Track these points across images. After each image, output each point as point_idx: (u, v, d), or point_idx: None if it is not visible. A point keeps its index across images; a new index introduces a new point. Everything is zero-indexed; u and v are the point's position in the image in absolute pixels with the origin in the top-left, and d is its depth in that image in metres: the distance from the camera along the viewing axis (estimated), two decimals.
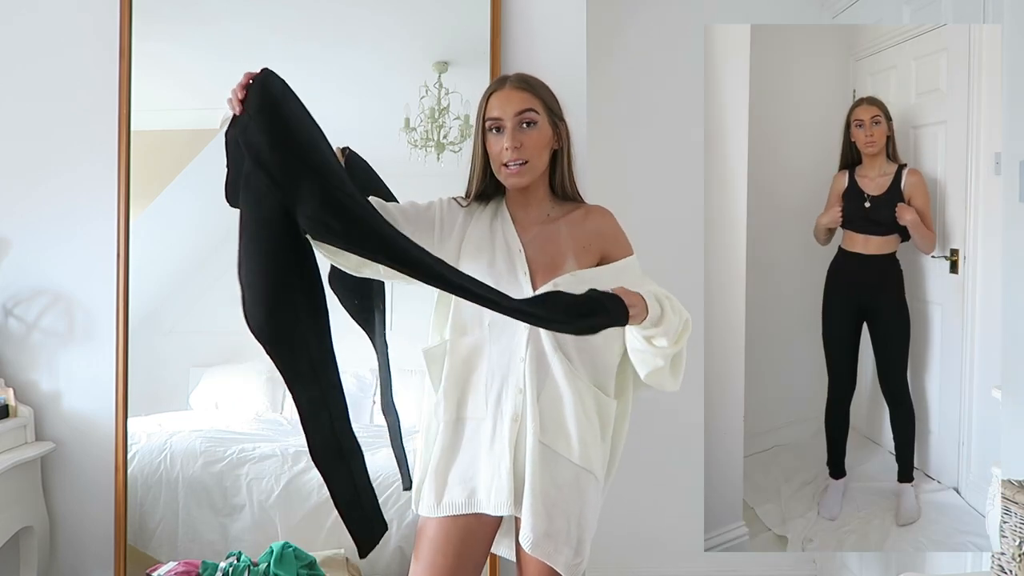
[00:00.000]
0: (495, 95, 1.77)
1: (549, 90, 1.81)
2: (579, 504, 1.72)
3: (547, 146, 1.78)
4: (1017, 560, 1.71)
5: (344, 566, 2.36)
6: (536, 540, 1.69)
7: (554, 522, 1.70)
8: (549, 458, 1.72)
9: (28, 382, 2.49)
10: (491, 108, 1.77)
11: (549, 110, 1.78)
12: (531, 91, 1.77)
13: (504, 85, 1.78)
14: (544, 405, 1.72)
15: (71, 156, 2.48)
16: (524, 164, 1.74)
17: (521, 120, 1.74)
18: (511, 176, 1.76)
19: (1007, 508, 1.73)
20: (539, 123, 1.75)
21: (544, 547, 1.70)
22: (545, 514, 1.70)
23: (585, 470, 1.73)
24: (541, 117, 1.76)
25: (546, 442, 1.72)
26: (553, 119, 1.78)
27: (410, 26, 2.53)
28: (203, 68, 2.59)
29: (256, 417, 2.62)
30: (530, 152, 1.74)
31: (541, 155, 1.77)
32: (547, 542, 1.70)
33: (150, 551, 2.47)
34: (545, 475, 1.71)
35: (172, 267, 2.64)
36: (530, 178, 1.77)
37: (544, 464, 1.71)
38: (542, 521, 1.70)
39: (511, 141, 1.73)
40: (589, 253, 1.78)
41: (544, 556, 1.71)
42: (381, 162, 1.74)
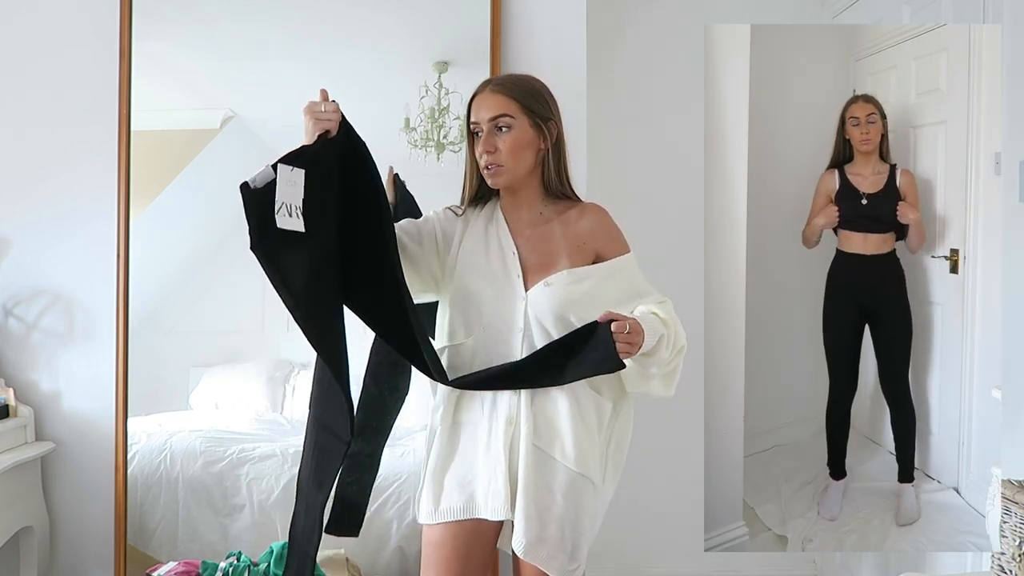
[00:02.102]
0: (475, 99, 1.79)
1: (533, 90, 1.79)
2: (574, 509, 1.70)
3: (526, 148, 1.76)
4: (1017, 560, 1.71)
5: (344, 566, 2.36)
6: (529, 545, 1.68)
7: (547, 528, 1.69)
8: (543, 462, 1.70)
9: (28, 382, 2.49)
10: (472, 112, 1.79)
11: (529, 111, 1.76)
12: (508, 94, 1.76)
13: (484, 88, 1.79)
14: (538, 408, 1.72)
15: (71, 156, 2.48)
16: (499, 167, 1.75)
17: (495, 124, 1.75)
18: (489, 177, 1.77)
19: (1007, 508, 1.73)
20: (514, 126, 1.75)
21: (537, 552, 1.69)
22: (538, 519, 1.69)
23: (580, 475, 1.71)
24: (517, 120, 1.75)
25: (540, 445, 1.71)
26: (536, 120, 1.76)
27: (410, 26, 2.53)
28: (203, 68, 2.59)
29: (256, 417, 2.62)
30: (504, 156, 1.74)
31: (517, 158, 1.75)
32: (540, 547, 1.68)
33: (150, 551, 2.47)
34: (538, 479, 1.70)
35: (172, 267, 2.64)
36: (507, 180, 1.77)
37: (537, 468, 1.70)
38: (535, 526, 1.68)
39: (484, 146, 1.75)
40: (583, 252, 1.78)
41: (537, 561, 1.69)
42: (381, 162, 1.74)
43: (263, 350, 2.64)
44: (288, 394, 2.63)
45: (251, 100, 2.59)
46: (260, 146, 2.60)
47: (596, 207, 1.84)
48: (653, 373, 1.72)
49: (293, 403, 2.62)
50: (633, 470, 2.87)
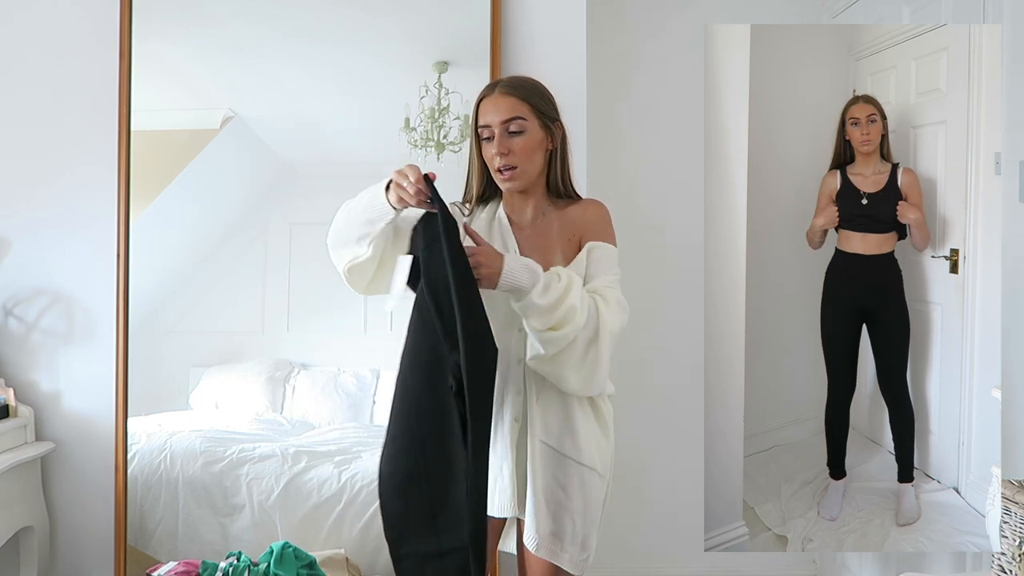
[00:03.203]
0: (484, 101, 1.79)
1: (541, 92, 1.81)
2: (583, 502, 1.73)
3: (538, 149, 1.78)
4: (1017, 560, 1.71)
5: (344, 566, 2.36)
6: (541, 541, 1.70)
7: (560, 523, 1.71)
8: (552, 459, 1.72)
9: (28, 382, 2.49)
10: (481, 115, 1.78)
11: (540, 113, 1.78)
12: (519, 96, 1.77)
13: (493, 91, 1.79)
14: (546, 406, 1.73)
15: (71, 156, 2.48)
16: (514, 170, 1.76)
17: (508, 128, 1.75)
18: (504, 181, 1.77)
19: (1007, 508, 1.73)
20: (527, 129, 1.76)
21: (550, 547, 1.71)
22: (549, 515, 1.71)
23: (589, 468, 1.73)
24: (530, 122, 1.76)
25: (549, 443, 1.72)
26: (545, 121, 1.79)
27: (410, 26, 2.53)
28: (203, 68, 2.59)
29: (256, 417, 2.62)
30: (519, 158, 1.76)
31: (531, 159, 1.77)
32: (553, 542, 1.71)
33: (150, 551, 2.46)
34: (548, 476, 1.71)
35: (172, 267, 2.64)
36: (524, 182, 1.78)
37: (547, 465, 1.71)
38: (547, 522, 1.71)
39: (499, 148, 1.75)
40: (572, 243, 1.80)
41: (550, 556, 1.71)
42: (381, 162, 1.74)
43: (263, 350, 2.64)
44: (288, 394, 2.63)
45: (251, 100, 2.59)
46: (260, 146, 2.60)
47: (595, 202, 1.86)
48: (536, 328, 1.65)
49: (293, 403, 2.63)
50: (633, 470, 2.89)
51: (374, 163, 2.00)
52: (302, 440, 2.55)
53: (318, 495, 2.45)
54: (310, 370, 2.64)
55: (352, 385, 2.62)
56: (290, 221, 2.60)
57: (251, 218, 2.62)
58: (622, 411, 1.96)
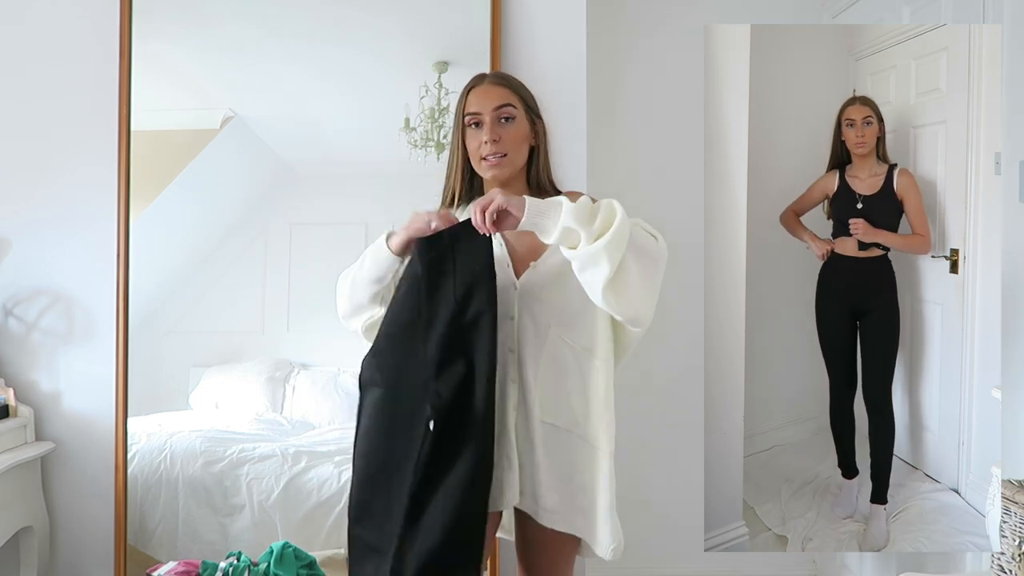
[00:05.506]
0: (474, 91, 1.81)
1: (527, 88, 1.85)
2: (590, 475, 1.74)
3: (525, 141, 1.81)
4: (1017, 560, 1.71)
5: (344, 566, 2.36)
6: (563, 517, 1.73)
7: (575, 498, 1.74)
8: (553, 436, 1.74)
9: (28, 382, 2.49)
10: (470, 103, 1.80)
11: (527, 106, 1.82)
12: (509, 87, 1.82)
13: (483, 81, 1.82)
14: (544, 384, 1.74)
15: (71, 156, 2.48)
16: (503, 157, 1.77)
17: (500, 115, 1.77)
18: (491, 168, 1.77)
19: (1007, 508, 1.73)
20: (517, 118, 1.79)
21: (574, 522, 1.74)
22: (567, 491, 1.73)
23: (592, 446, 1.75)
24: (519, 113, 1.79)
25: (549, 421, 1.73)
26: (531, 115, 1.82)
27: (410, 26, 2.53)
28: (203, 68, 2.59)
29: (256, 417, 2.62)
30: (508, 146, 1.77)
31: (519, 149, 1.79)
32: (577, 517, 1.74)
33: (150, 551, 2.47)
34: (557, 454, 1.73)
35: (172, 267, 2.64)
36: (509, 171, 1.79)
37: (547, 442, 1.73)
38: (554, 497, 1.73)
39: (490, 134, 1.76)
40: None
41: (574, 530, 1.74)
42: (381, 162, 1.74)
43: (263, 350, 2.64)
44: (288, 394, 2.63)
45: (251, 100, 2.59)
46: (260, 146, 2.60)
47: (576, 193, 1.85)
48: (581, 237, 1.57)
49: (293, 403, 2.63)
50: (634, 470, 2.89)
51: (374, 163, 2.00)
52: (302, 440, 2.55)
53: (318, 495, 2.45)
54: (310, 370, 2.64)
55: (352, 385, 2.60)
56: (290, 221, 2.60)
57: (251, 218, 2.62)
58: (622, 411, 1.95)
